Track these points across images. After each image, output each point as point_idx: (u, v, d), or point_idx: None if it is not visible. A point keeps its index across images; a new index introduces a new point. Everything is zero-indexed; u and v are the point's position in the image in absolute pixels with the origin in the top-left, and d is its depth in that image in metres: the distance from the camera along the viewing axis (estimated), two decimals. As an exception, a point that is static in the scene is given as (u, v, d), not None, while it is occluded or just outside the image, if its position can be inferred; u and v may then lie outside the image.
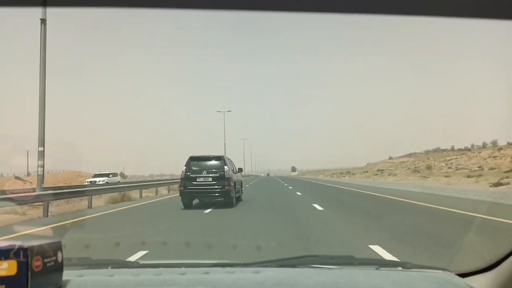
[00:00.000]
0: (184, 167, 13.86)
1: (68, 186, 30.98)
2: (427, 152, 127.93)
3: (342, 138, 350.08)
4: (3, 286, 0.89)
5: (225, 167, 13.87)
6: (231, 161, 15.37)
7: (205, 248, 5.44)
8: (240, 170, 16.91)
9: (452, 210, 11.05)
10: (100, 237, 7.93)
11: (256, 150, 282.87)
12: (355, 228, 8.43)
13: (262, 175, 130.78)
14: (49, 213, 12.88)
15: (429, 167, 51.40)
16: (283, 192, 22.98)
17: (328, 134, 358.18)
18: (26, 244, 0.92)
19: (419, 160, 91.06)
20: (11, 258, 0.89)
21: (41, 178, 14.27)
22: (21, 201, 12.37)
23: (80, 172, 68.35)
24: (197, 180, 13.61)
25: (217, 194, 13.64)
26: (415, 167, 65.41)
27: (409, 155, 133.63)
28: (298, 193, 21.22)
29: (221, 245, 6.31)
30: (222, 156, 14.53)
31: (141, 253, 5.62)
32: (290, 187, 28.43)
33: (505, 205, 12.16)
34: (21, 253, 0.90)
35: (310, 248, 6.08)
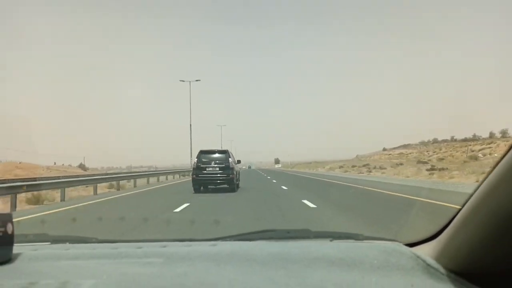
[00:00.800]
0: (196, 159, 17.00)
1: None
2: (424, 143, 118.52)
3: (327, 130, 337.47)
4: None
5: (229, 159, 16.72)
6: (232, 154, 18.01)
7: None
8: (239, 162, 19.66)
9: None
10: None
11: (236, 139, 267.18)
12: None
13: (243, 167, 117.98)
14: None
15: (474, 158, 39.60)
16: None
17: (313, 126, 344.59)
18: None
19: (428, 151, 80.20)
20: None
21: None
22: None
23: (20, 162, 54.47)
24: (207, 169, 16.37)
25: (223, 181, 16.35)
26: (429, 158, 53.64)
27: (405, 147, 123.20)
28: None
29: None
30: (227, 150, 17.50)
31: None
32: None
33: None
34: None
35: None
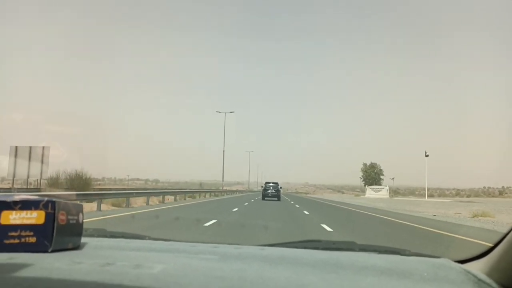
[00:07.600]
0: (263, 185, 40.41)
1: None
2: None
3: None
4: (31, 233, 0.97)
5: (278, 186, 39.76)
6: (278, 183, 40.51)
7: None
8: (281, 187, 42.30)
9: None
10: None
11: (268, 161, 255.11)
12: None
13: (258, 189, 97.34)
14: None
15: None
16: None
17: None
18: (54, 198, 1.02)
19: None
20: (40, 209, 0.98)
21: None
22: None
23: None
24: (268, 190, 38.48)
25: (275, 196, 37.66)
26: None
27: None
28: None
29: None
30: (277, 182, 39.91)
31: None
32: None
33: None
34: (50, 205, 0.99)
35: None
